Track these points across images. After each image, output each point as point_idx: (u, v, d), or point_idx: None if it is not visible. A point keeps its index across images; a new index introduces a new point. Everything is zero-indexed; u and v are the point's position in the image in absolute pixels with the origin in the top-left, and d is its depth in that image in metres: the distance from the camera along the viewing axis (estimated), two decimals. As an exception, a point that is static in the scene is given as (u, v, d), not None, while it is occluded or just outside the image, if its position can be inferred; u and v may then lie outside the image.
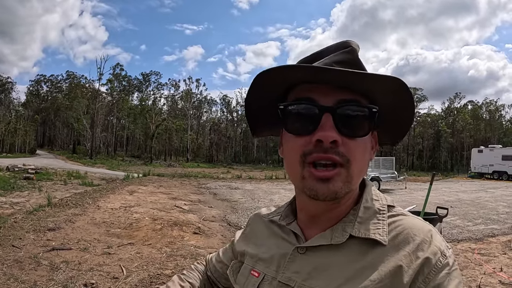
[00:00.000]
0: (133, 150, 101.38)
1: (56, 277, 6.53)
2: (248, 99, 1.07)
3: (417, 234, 0.96)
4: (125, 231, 10.30)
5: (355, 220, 1.00)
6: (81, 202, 14.61)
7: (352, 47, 0.99)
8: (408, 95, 0.97)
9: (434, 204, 16.93)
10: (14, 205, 14.88)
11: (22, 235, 8.97)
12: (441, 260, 0.91)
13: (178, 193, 20.64)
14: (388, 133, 1.12)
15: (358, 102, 0.96)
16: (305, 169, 0.95)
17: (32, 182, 23.20)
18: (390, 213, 1.04)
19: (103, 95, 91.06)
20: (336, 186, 0.93)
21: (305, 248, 1.03)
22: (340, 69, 0.89)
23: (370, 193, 1.08)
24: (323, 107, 0.93)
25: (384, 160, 28.43)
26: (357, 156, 0.95)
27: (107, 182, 26.93)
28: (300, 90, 0.98)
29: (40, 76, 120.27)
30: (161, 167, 59.10)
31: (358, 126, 0.95)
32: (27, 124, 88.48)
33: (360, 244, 0.97)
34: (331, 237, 0.99)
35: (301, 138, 0.96)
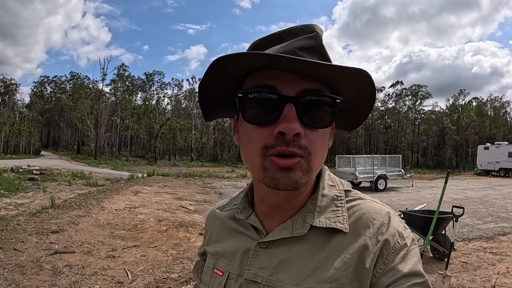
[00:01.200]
0: (137, 150, 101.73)
1: (59, 282, 6.41)
2: (203, 83, 0.98)
3: (376, 218, 0.96)
4: (129, 233, 10.19)
5: (314, 209, 0.99)
6: (85, 203, 14.56)
7: (316, 32, 0.96)
8: (371, 87, 0.95)
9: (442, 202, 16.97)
10: (19, 206, 14.86)
11: (25, 238, 8.87)
12: (399, 241, 0.92)
13: (183, 193, 20.59)
14: (347, 120, 1.09)
15: (322, 92, 0.92)
16: (266, 160, 0.90)
17: (36, 183, 23.21)
18: (347, 198, 1.04)
19: (106, 95, 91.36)
20: (296, 176, 0.89)
21: (267, 243, 1.00)
22: (307, 60, 0.83)
23: (326, 178, 1.07)
24: (286, 97, 0.88)
25: (391, 158, 28.26)
26: (318, 147, 0.93)
27: (111, 183, 26.99)
28: (261, 76, 0.92)
29: (44, 77, 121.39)
30: (166, 166, 59.10)
31: (322, 117, 0.92)
32: (31, 125, 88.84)
33: (322, 234, 0.96)
34: (292, 229, 0.98)
35: (261, 129, 0.91)
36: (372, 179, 24.30)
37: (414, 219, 8.80)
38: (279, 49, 0.91)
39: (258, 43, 1.00)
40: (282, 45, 0.93)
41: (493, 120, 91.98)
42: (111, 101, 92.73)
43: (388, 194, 22.10)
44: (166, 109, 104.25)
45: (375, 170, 24.69)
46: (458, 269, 7.81)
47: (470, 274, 7.52)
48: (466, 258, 8.58)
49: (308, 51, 0.90)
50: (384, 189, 24.49)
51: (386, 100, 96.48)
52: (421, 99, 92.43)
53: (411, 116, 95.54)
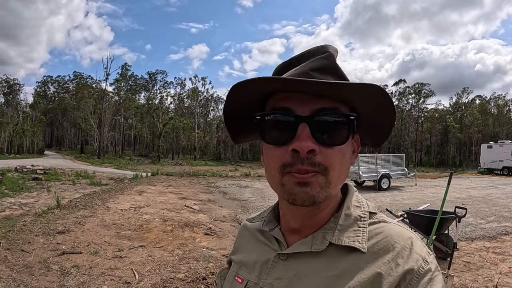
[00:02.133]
0: (140, 149, 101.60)
1: (67, 283, 6.47)
2: (226, 109, 1.06)
3: (397, 241, 0.96)
4: (135, 233, 10.25)
5: (335, 227, 1.00)
6: (90, 203, 14.62)
7: (329, 52, 0.99)
8: (387, 100, 0.96)
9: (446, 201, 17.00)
10: (23, 206, 14.98)
11: (31, 239, 8.93)
12: (423, 266, 0.91)
13: (187, 193, 20.63)
14: (371, 135, 1.12)
15: (336, 110, 0.95)
16: (284, 177, 0.94)
17: (40, 183, 23.35)
18: (371, 220, 1.04)
19: (110, 94, 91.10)
20: (314, 191, 0.92)
21: (287, 255, 1.02)
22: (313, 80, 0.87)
23: (352, 199, 1.08)
24: (300, 117, 0.92)
25: (394, 157, 28.27)
26: (335, 163, 0.94)
27: (115, 182, 27.08)
28: (277, 99, 0.97)
29: (47, 77, 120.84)
30: (169, 165, 59.04)
31: (336, 134, 0.95)
32: (34, 125, 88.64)
33: (340, 251, 0.97)
34: (312, 244, 0.99)
35: (278, 149, 0.95)
36: (375, 178, 24.23)
37: (418, 219, 8.83)
38: (294, 72, 0.95)
39: (281, 66, 1.05)
40: (298, 67, 0.97)
41: (497, 118, 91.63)
42: (114, 100, 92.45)
43: (391, 193, 22.09)
44: (169, 108, 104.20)
45: (378, 169, 24.62)
46: (460, 269, 7.84)
47: (473, 274, 7.55)
48: (468, 258, 8.61)
49: (321, 71, 0.94)
50: (388, 188, 24.40)
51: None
52: (424, 97, 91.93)
53: (414, 115, 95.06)
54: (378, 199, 19.44)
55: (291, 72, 0.97)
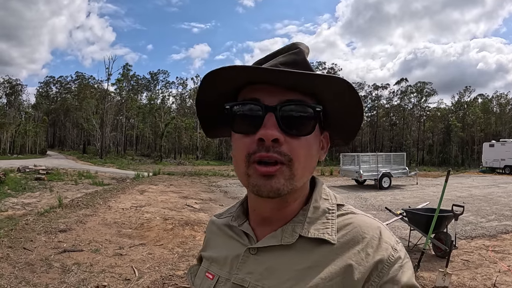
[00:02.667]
0: (142, 149, 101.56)
1: (68, 280, 6.53)
2: (198, 98, 1.07)
3: (366, 231, 0.98)
4: (136, 232, 10.31)
5: (304, 220, 1.02)
6: (92, 202, 14.67)
7: (300, 48, 1.01)
8: (355, 96, 0.97)
9: (445, 200, 16.85)
10: (26, 205, 14.97)
11: (34, 237, 9.00)
12: (393, 254, 0.94)
13: (189, 192, 20.65)
14: (339, 133, 1.13)
15: (303, 101, 0.96)
16: (249, 167, 0.96)
17: (43, 183, 23.29)
18: (339, 212, 1.06)
19: (112, 95, 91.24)
20: (278, 183, 0.93)
21: (256, 249, 1.04)
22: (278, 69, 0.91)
23: (320, 192, 1.10)
24: (267, 106, 0.94)
25: (395, 156, 28.11)
26: (301, 154, 0.96)
27: (117, 182, 27.05)
28: (248, 90, 1.00)
29: (49, 77, 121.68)
30: (171, 165, 59.09)
31: (301, 125, 0.96)
32: (37, 125, 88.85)
33: (310, 244, 0.99)
34: (281, 238, 1.01)
35: (246, 138, 0.97)
36: (376, 177, 24.13)
37: (417, 217, 8.88)
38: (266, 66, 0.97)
39: (257, 62, 1.05)
40: (269, 62, 1.00)
41: (499, 117, 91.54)
42: (116, 100, 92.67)
43: (392, 192, 22.05)
44: (171, 108, 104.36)
45: (379, 168, 24.53)
46: (459, 267, 7.85)
47: (471, 272, 7.57)
48: (468, 256, 8.62)
49: (290, 66, 0.96)
50: (389, 187, 24.30)
51: (391, 97, 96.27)
52: (426, 96, 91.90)
53: (417, 113, 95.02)
54: (379, 197, 19.42)
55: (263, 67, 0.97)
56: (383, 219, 12.46)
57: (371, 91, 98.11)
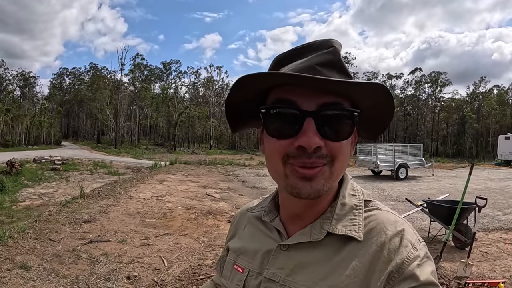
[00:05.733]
0: (156, 138, 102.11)
1: (97, 270, 6.51)
2: (229, 100, 1.06)
3: (389, 228, 1.00)
4: (160, 221, 10.31)
5: (332, 217, 1.04)
6: (113, 192, 14.70)
7: (334, 47, 0.99)
8: (389, 100, 0.99)
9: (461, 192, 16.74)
10: (43, 196, 15.16)
11: (59, 228, 8.99)
12: (413, 252, 0.95)
13: (207, 181, 20.65)
14: (368, 129, 1.14)
15: (340, 105, 0.96)
16: (287, 168, 0.96)
17: (59, 173, 23.58)
18: (366, 208, 1.08)
19: (125, 85, 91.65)
20: (318, 185, 0.94)
21: (287, 246, 1.06)
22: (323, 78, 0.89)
23: (347, 188, 1.11)
24: (305, 111, 0.93)
25: (412, 147, 27.74)
26: (340, 156, 0.97)
27: (132, 171, 27.29)
28: (281, 91, 0.97)
29: (62, 69, 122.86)
30: (185, 154, 59.49)
31: (341, 130, 0.96)
32: (51, 116, 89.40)
33: (337, 240, 1.01)
34: (310, 234, 1.03)
35: (283, 141, 0.96)
36: (393, 167, 23.99)
37: (437, 209, 8.88)
38: (299, 65, 0.96)
39: (281, 57, 1.06)
40: (302, 60, 0.98)
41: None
42: (130, 90, 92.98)
43: (409, 183, 21.92)
44: (184, 98, 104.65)
45: (396, 159, 24.33)
46: (478, 259, 7.83)
47: (490, 264, 7.56)
48: (486, 248, 8.58)
49: (327, 67, 0.95)
50: (405, 178, 24.15)
51: (405, 87, 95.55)
52: (441, 86, 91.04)
53: (431, 104, 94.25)
54: (396, 188, 19.34)
55: (296, 66, 0.97)
56: (402, 210, 12.47)
57: (384, 81, 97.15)
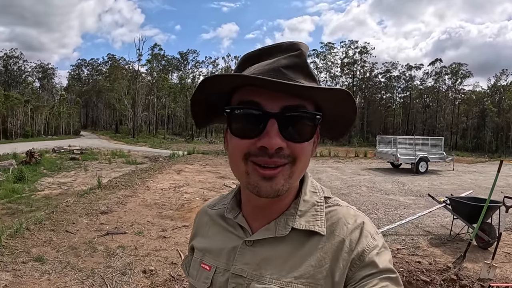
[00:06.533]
0: (174, 128, 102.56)
1: (113, 264, 6.44)
2: (194, 98, 1.08)
3: (350, 222, 1.07)
4: (177, 213, 10.24)
5: (296, 213, 1.08)
6: (130, 183, 14.70)
7: (301, 50, 1.00)
8: (351, 102, 1.01)
9: (484, 189, 16.56)
10: (62, 185, 15.29)
11: (75, 220, 8.95)
12: (372, 242, 1.02)
13: (225, 172, 20.53)
14: (330, 131, 1.17)
15: (304, 108, 0.98)
16: (248, 165, 0.98)
17: (78, 162, 23.90)
18: (327, 204, 1.13)
19: (143, 75, 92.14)
20: (278, 184, 0.97)
21: (252, 241, 1.09)
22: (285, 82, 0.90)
23: (308, 185, 1.15)
24: (269, 113, 0.95)
25: (433, 140, 27.29)
26: (302, 156, 0.99)
27: (150, 160, 27.43)
28: (245, 92, 0.99)
29: (81, 60, 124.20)
30: (203, 144, 59.88)
31: (303, 132, 0.99)
32: (70, 107, 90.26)
33: (302, 235, 1.05)
34: (275, 230, 1.06)
35: (246, 141, 0.98)
36: (413, 161, 23.64)
37: (461, 206, 8.64)
38: (266, 67, 0.97)
39: (250, 55, 1.07)
40: (269, 62, 0.99)
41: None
42: (147, 80, 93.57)
43: (429, 177, 21.60)
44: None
45: (416, 152, 23.95)
46: (501, 260, 7.59)
47: None
48: (509, 249, 8.33)
49: (293, 70, 0.97)
50: (425, 171, 23.82)
51: (425, 78, 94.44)
52: (461, 78, 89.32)
53: (451, 96, 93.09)
54: (416, 182, 19.05)
55: (262, 67, 0.98)
56: (423, 206, 12.32)
57: (404, 71, 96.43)
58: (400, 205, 12.94)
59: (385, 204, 13.17)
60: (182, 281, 5.95)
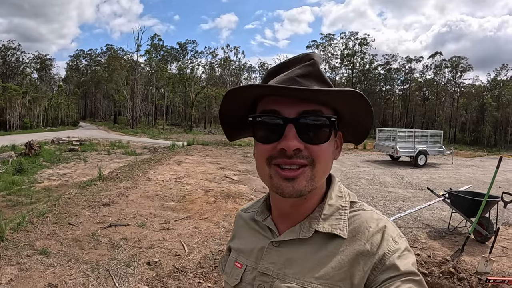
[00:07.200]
0: (172, 119, 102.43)
1: (118, 256, 6.49)
2: (222, 110, 1.17)
3: (372, 226, 1.09)
4: (179, 204, 10.30)
5: (320, 217, 1.13)
6: (131, 174, 14.71)
7: (314, 59, 1.08)
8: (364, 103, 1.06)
9: (482, 183, 16.61)
10: (61, 176, 15.36)
11: (78, 212, 8.99)
12: (393, 245, 1.04)
13: (225, 163, 20.65)
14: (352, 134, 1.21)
15: (319, 112, 1.05)
16: (271, 169, 1.06)
17: (77, 153, 23.97)
18: (352, 208, 1.17)
19: (141, 66, 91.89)
20: (300, 185, 1.03)
21: (279, 242, 1.16)
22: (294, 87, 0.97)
23: (335, 190, 1.20)
24: (287, 118, 1.03)
25: (432, 134, 27.31)
26: (321, 158, 1.05)
27: (149, 151, 27.60)
28: (266, 102, 1.08)
29: (79, 51, 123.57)
30: (202, 134, 59.90)
31: (319, 134, 1.05)
32: (68, 98, 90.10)
33: (324, 238, 1.10)
34: (300, 232, 1.12)
35: (267, 145, 1.06)
36: (412, 154, 23.70)
37: (460, 200, 8.70)
38: (283, 77, 1.06)
39: (272, 70, 1.15)
40: (286, 73, 1.07)
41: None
42: (146, 71, 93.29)
43: (428, 171, 21.68)
44: (201, 78, 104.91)
45: (416, 145, 23.96)
46: (498, 254, 7.66)
47: (511, 260, 7.41)
48: (506, 243, 8.39)
49: (306, 78, 1.05)
50: (424, 165, 23.94)
51: (425, 71, 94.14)
52: (461, 71, 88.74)
53: (450, 89, 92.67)
54: (415, 175, 19.11)
55: (280, 78, 1.07)
56: (422, 199, 12.39)
57: (404, 64, 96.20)
58: (399, 198, 13.01)
59: (384, 196, 13.24)
60: (186, 273, 6.01)
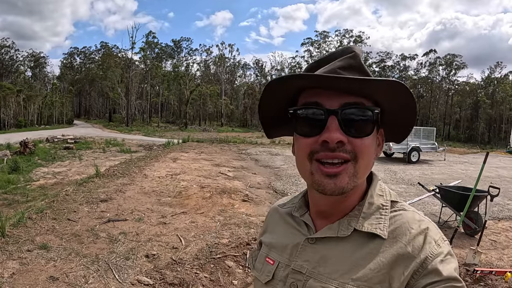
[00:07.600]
0: (167, 116, 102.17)
1: (116, 249, 6.61)
2: (261, 105, 1.16)
3: (414, 227, 1.05)
4: (175, 200, 10.43)
5: (360, 215, 1.09)
6: (128, 171, 14.77)
7: (355, 52, 1.06)
8: (409, 96, 1.03)
9: (473, 179, 16.57)
10: (56, 174, 15.44)
11: (76, 208, 9.08)
12: (436, 249, 1.00)
13: (220, 160, 20.80)
14: (394, 131, 1.19)
15: (361, 104, 1.02)
16: (313, 165, 1.03)
17: (72, 152, 23.99)
18: (392, 208, 1.12)
19: (136, 63, 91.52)
20: (342, 182, 1.00)
21: (315, 239, 1.12)
22: (340, 76, 0.97)
23: (376, 188, 1.16)
24: (329, 110, 1.00)
25: (425, 130, 27.67)
26: (364, 152, 1.02)
27: (144, 149, 27.66)
28: (308, 94, 1.05)
29: (73, 49, 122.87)
30: (196, 132, 59.93)
31: (362, 127, 1.02)
32: (63, 96, 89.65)
33: (363, 237, 1.06)
34: (338, 230, 1.09)
35: (309, 139, 1.03)
36: (405, 150, 23.98)
37: (449, 194, 8.90)
38: (323, 70, 1.03)
39: (311, 66, 1.13)
40: (326, 66, 1.05)
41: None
42: (141, 68, 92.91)
43: (420, 167, 21.92)
44: (195, 75, 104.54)
45: (408, 142, 24.13)
46: (487, 247, 7.88)
47: (499, 253, 7.61)
48: (495, 237, 8.61)
49: (348, 70, 1.03)
50: (417, 161, 24.18)
51: (419, 68, 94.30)
52: (456, 69, 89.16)
53: (445, 87, 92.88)
54: (408, 172, 19.33)
55: (320, 71, 1.04)
56: (413, 194, 12.53)
57: (398, 61, 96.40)
58: (392, 193, 13.02)
59: (377, 191, 13.25)
60: (184, 264, 6.15)
